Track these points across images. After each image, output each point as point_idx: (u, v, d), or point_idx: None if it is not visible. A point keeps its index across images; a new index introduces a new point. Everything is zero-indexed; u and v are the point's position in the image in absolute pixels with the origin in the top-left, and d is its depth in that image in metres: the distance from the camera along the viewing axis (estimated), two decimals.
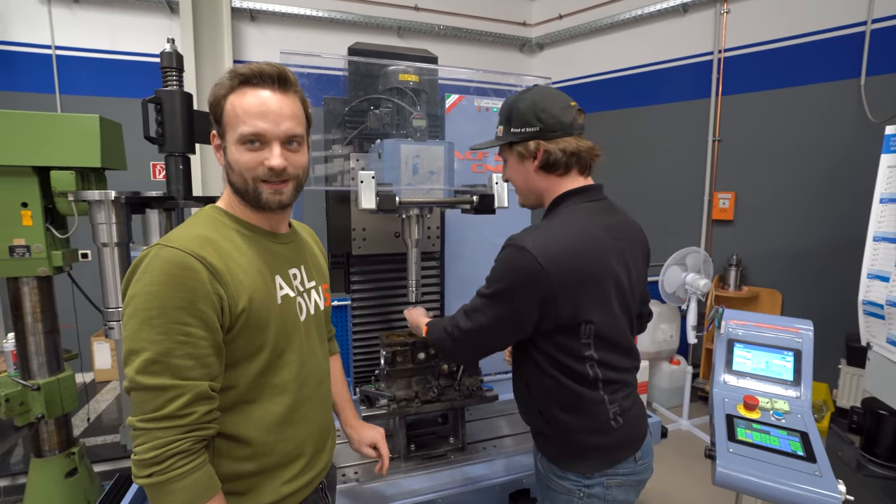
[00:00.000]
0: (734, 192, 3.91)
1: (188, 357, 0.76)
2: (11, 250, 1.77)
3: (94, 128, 1.74)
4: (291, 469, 0.94)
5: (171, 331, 0.75)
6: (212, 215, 0.90)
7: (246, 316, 0.84)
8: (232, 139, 0.86)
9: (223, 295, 0.80)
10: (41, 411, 1.89)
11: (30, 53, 3.86)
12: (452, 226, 2.11)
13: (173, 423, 0.76)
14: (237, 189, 0.89)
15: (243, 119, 0.84)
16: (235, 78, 0.85)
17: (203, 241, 0.82)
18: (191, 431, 0.77)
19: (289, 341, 0.93)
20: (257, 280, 0.87)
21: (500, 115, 1.18)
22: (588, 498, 1.11)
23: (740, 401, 1.44)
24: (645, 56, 4.44)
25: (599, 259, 1.05)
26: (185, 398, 0.76)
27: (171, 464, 0.75)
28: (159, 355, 0.75)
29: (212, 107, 0.88)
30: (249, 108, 0.84)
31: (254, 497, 0.90)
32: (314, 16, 4.40)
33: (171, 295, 0.75)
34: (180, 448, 0.76)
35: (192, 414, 0.77)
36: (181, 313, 0.76)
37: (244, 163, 0.86)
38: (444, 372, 1.58)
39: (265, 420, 0.89)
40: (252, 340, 0.86)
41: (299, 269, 1.01)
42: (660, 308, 3.63)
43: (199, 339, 0.77)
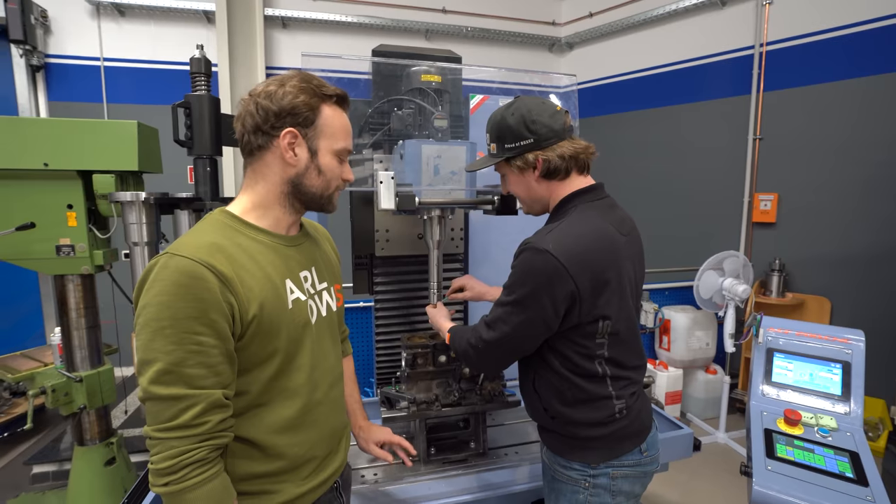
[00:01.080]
0: (777, 193, 3.71)
1: (200, 366, 0.77)
2: (58, 249, 1.87)
3: (132, 133, 1.83)
4: (304, 470, 0.95)
5: (183, 340, 0.76)
6: (221, 220, 0.91)
7: (257, 323, 0.84)
8: (328, 147, 0.93)
9: (233, 303, 0.81)
10: (83, 402, 1.99)
11: (81, 66, 4.10)
12: (478, 229, 2.09)
13: (188, 432, 0.76)
14: (311, 192, 0.93)
15: (342, 135, 0.95)
16: (332, 94, 0.93)
17: (212, 249, 0.82)
18: (206, 440, 0.78)
19: (300, 345, 0.93)
20: (267, 286, 0.87)
21: (489, 134, 1.19)
22: (594, 488, 1.12)
23: (780, 415, 1.35)
24: (680, 52, 4.29)
25: (614, 255, 1.07)
26: (199, 407, 0.77)
27: (185, 473, 0.76)
28: (172, 365, 0.75)
29: (301, 107, 0.88)
30: (345, 127, 0.96)
31: (267, 498, 0.90)
32: (343, 21, 4.48)
33: (181, 305, 0.76)
34: (196, 457, 0.77)
35: (207, 423, 0.78)
36: (192, 323, 0.76)
37: (337, 172, 0.96)
38: (465, 375, 1.56)
39: (277, 424, 0.89)
40: (264, 346, 0.87)
41: (310, 271, 1.01)
42: (694, 314, 3.49)
43: (210, 348, 0.78)
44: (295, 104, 0.88)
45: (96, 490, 2.05)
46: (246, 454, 0.88)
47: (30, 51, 3.84)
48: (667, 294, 3.80)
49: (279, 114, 0.88)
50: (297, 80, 0.90)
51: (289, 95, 0.88)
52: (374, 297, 1.84)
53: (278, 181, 0.93)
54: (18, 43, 3.72)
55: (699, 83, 4.17)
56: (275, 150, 0.90)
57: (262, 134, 0.89)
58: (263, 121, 0.88)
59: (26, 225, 1.78)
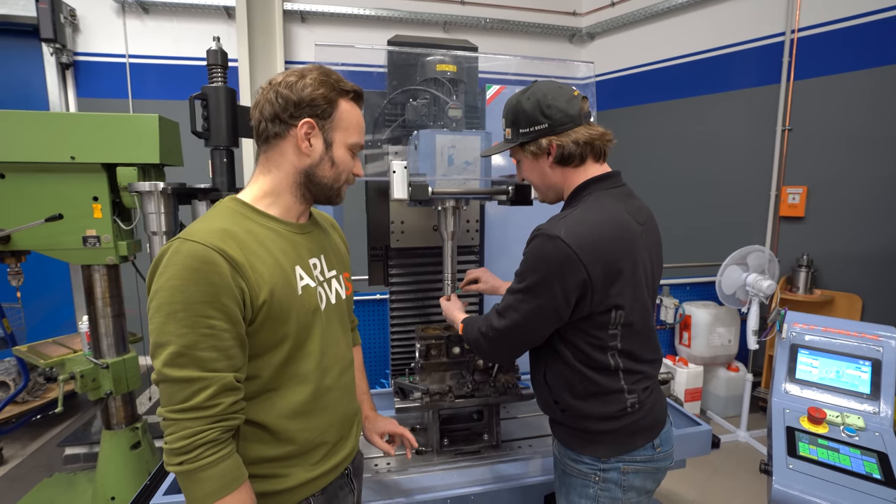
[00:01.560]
0: (806, 186, 3.57)
1: (212, 349, 0.78)
2: (85, 240, 1.93)
3: (154, 127, 1.87)
4: (315, 455, 0.96)
5: (196, 324, 0.77)
6: (231, 207, 0.92)
7: (267, 308, 0.85)
8: (343, 140, 0.96)
9: (244, 288, 0.82)
10: (110, 388, 2.06)
11: (107, 63, 4.21)
12: (495, 222, 2.08)
13: (200, 413, 0.78)
14: (322, 183, 0.96)
15: (356, 130, 0.97)
16: (349, 90, 0.96)
17: (223, 235, 0.83)
18: (218, 422, 0.79)
19: (310, 331, 0.94)
20: (277, 272, 0.88)
21: (504, 118, 1.17)
22: (604, 483, 1.10)
23: (804, 413, 1.30)
24: (705, 41, 4.15)
25: (629, 244, 1.04)
26: (211, 390, 0.78)
27: (199, 453, 0.78)
28: (185, 348, 0.77)
29: (320, 99, 0.90)
30: (361, 122, 0.99)
31: (278, 481, 0.92)
32: (361, 14, 4.48)
33: (193, 289, 0.77)
34: (208, 438, 0.78)
35: (219, 405, 0.79)
36: (204, 307, 0.78)
37: (349, 165, 0.99)
38: (479, 367, 1.56)
39: (287, 409, 0.91)
40: (274, 332, 0.88)
41: (319, 258, 1.02)
42: (716, 310, 3.40)
43: (222, 332, 0.79)
44: (314, 96, 0.90)
45: (123, 472, 2.13)
46: (257, 438, 0.90)
47: (59, 49, 3.96)
48: (688, 289, 3.72)
49: (298, 104, 0.90)
50: (318, 74, 0.92)
51: (309, 87, 0.90)
52: (389, 288, 1.84)
53: (292, 170, 0.94)
54: (49, 41, 3.84)
55: (725, 72, 4.04)
56: (291, 139, 0.92)
57: (279, 122, 0.91)
58: (282, 110, 0.90)
59: (55, 216, 1.84)
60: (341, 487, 1.05)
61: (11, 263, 1.98)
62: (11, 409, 3.01)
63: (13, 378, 3.09)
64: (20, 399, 3.09)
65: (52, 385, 3.30)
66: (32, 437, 3.15)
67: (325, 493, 0.99)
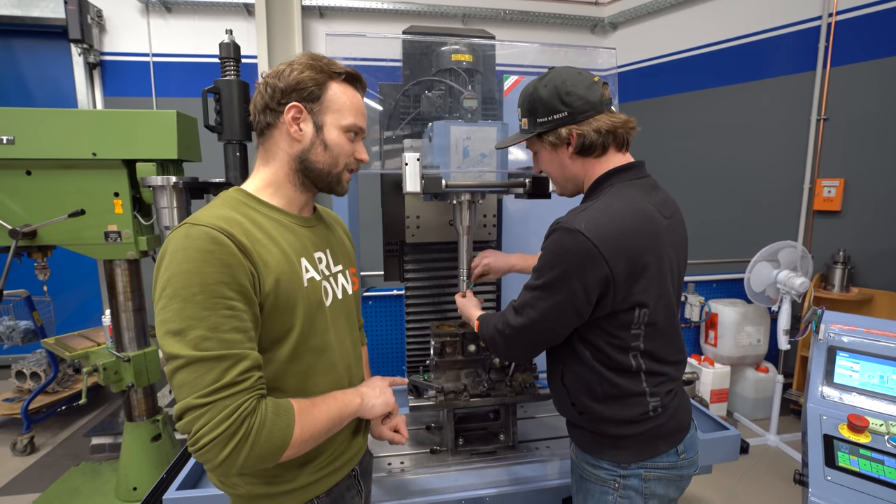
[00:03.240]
0: (843, 178, 3.39)
1: (236, 331, 0.75)
2: (106, 235, 1.97)
3: (172, 123, 1.88)
4: (320, 455, 0.94)
5: (217, 305, 0.73)
6: (235, 197, 0.90)
7: (274, 297, 0.83)
8: (335, 122, 0.92)
9: (254, 272, 0.80)
10: (131, 380, 2.10)
11: (132, 62, 4.30)
12: (515, 218, 2.03)
13: (237, 388, 0.73)
14: (317, 168, 0.92)
15: (350, 111, 0.93)
16: (341, 72, 0.92)
17: (230, 221, 0.82)
18: (252, 393, 0.75)
19: (313, 326, 0.91)
20: (283, 262, 0.86)
21: (520, 108, 1.12)
22: (624, 489, 1.04)
23: (843, 420, 1.22)
24: (735, 28, 3.98)
25: (654, 238, 0.98)
26: (244, 364, 0.75)
27: (249, 425, 0.73)
28: (209, 331, 0.72)
29: (307, 82, 0.88)
30: (358, 104, 0.95)
31: (282, 482, 0.90)
32: (379, 8, 4.46)
33: (208, 270, 0.74)
34: (248, 409, 0.74)
35: (251, 377, 0.76)
36: (222, 287, 0.74)
37: (346, 148, 0.94)
38: (495, 366, 1.51)
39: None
40: (282, 323, 0.85)
41: (325, 252, 0.99)
42: (745, 308, 3.27)
43: (242, 313, 0.76)
44: (300, 79, 0.89)
45: (144, 463, 2.18)
46: None
47: (87, 49, 4.05)
48: (714, 286, 3.58)
49: (285, 90, 0.89)
50: (305, 58, 0.91)
51: (295, 72, 0.89)
52: (405, 284, 1.82)
53: (286, 158, 0.92)
54: (77, 42, 3.94)
55: (756, 60, 3.86)
56: (281, 126, 0.91)
57: (269, 112, 0.90)
58: (271, 98, 0.89)
59: (77, 212, 1.88)
60: (348, 489, 1.02)
61: (38, 258, 2.03)
62: (42, 399, 3.12)
63: (44, 369, 3.19)
64: (50, 389, 3.20)
65: (80, 377, 3.40)
66: (62, 427, 3.26)
67: (331, 494, 0.97)
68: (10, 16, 3.92)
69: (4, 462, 2.84)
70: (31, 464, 2.82)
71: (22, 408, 2.92)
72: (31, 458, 2.87)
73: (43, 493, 2.28)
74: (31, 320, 2.99)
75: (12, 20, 3.95)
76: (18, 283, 2.73)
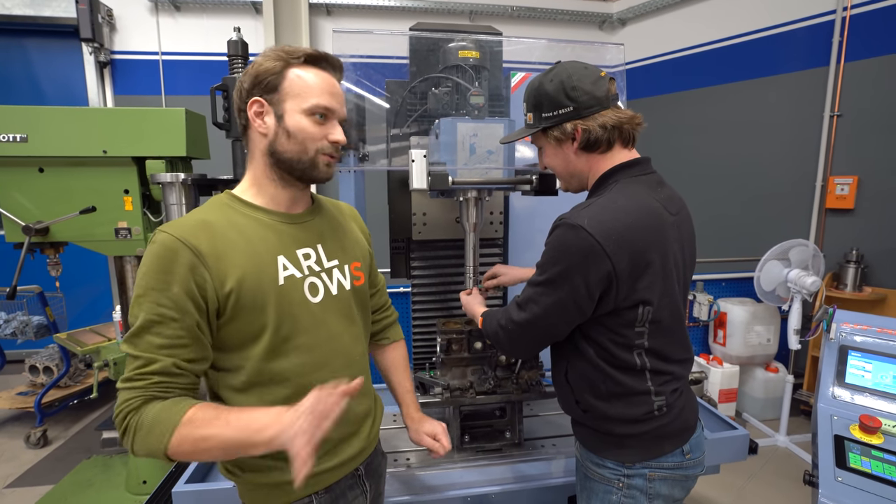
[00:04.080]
0: (856, 176, 3.33)
1: (159, 335, 0.80)
2: (116, 232, 1.99)
3: (181, 120, 1.90)
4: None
5: (150, 310, 0.80)
6: (221, 200, 0.94)
7: (236, 297, 0.84)
8: (296, 108, 0.89)
9: (207, 277, 0.83)
10: None
11: (142, 60, 4.34)
12: (521, 215, 2.02)
13: (131, 384, 0.79)
14: (286, 158, 0.90)
15: (315, 92, 0.89)
16: (300, 55, 0.89)
17: (197, 226, 0.85)
18: (142, 393, 0.79)
19: (295, 324, 0.91)
20: (252, 261, 0.87)
21: (526, 102, 1.10)
22: (628, 489, 1.04)
23: (855, 420, 1.20)
24: (745, 24, 3.92)
25: (659, 234, 0.97)
26: (149, 368, 0.79)
27: (126, 419, 0.78)
28: (139, 329, 0.80)
29: (264, 74, 0.88)
30: (321, 84, 0.90)
31: (276, 474, 0.91)
32: (386, 6, 4.46)
33: (152, 277, 0.81)
34: (132, 406, 0.78)
35: (147, 380, 0.79)
36: (157, 294, 0.80)
37: (311, 132, 0.90)
38: (501, 363, 1.51)
39: (276, 402, 0.87)
40: (250, 322, 0.87)
41: (315, 248, 0.98)
42: (754, 307, 3.23)
43: (169, 321, 0.80)
44: (258, 72, 0.88)
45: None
46: None
47: (98, 48, 4.10)
48: (723, 285, 3.55)
49: (249, 88, 0.89)
50: (268, 51, 0.90)
51: (255, 67, 0.89)
52: (411, 281, 1.82)
53: (260, 155, 0.93)
54: (88, 41, 3.98)
55: (768, 56, 3.80)
56: (251, 124, 0.91)
57: (241, 112, 0.92)
58: (240, 99, 0.91)
59: (88, 209, 1.90)
60: (350, 488, 1.01)
61: (51, 254, 2.06)
62: (54, 393, 3.17)
63: (56, 364, 3.24)
64: (62, 384, 3.25)
65: (91, 371, 3.45)
66: (74, 420, 3.31)
67: (331, 491, 0.97)
68: (22, 15, 3.97)
69: (18, 454, 2.89)
70: (45, 456, 2.87)
71: (35, 401, 2.97)
72: (44, 451, 2.92)
73: (56, 485, 2.32)
74: (44, 316, 3.04)
75: (25, 20, 4.00)
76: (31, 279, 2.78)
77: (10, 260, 1.96)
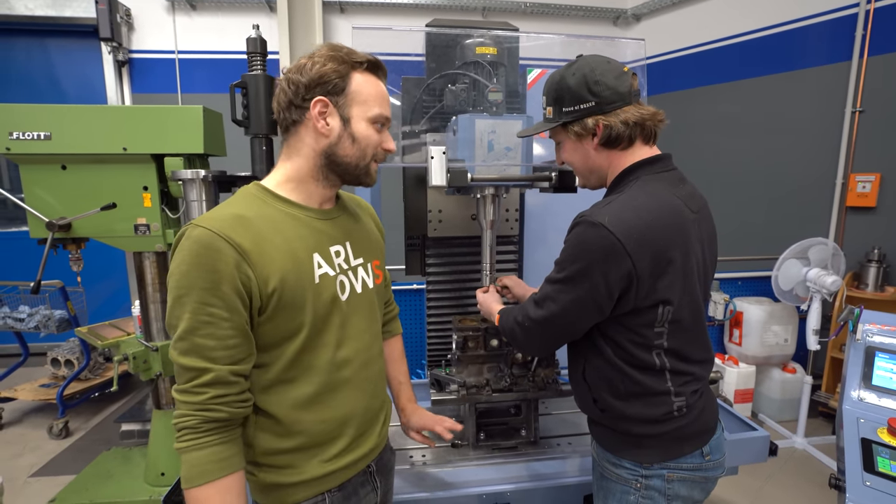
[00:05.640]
0: (879, 173, 3.25)
1: (210, 337, 0.79)
2: (136, 228, 2.02)
3: (199, 117, 1.92)
4: (331, 449, 0.93)
5: (196, 310, 0.78)
6: (252, 193, 0.91)
7: (278, 296, 0.84)
8: (362, 115, 0.90)
9: (251, 275, 0.81)
10: (159, 369, 2.16)
11: (159, 59, 4.39)
12: (535, 212, 2.01)
13: (187, 398, 0.79)
14: (345, 162, 0.91)
15: (376, 101, 0.91)
16: (363, 61, 0.90)
17: (235, 221, 0.83)
18: (199, 411, 0.79)
19: (327, 321, 0.91)
20: (290, 259, 0.86)
21: (546, 96, 1.07)
22: (646, 490, 1.02)
23: (883, 424, 1.17)
24: (763, 18, 3.84)
25: (680, 233, 0.95)
26: (203, 378, 0.79)
27: (181, 436, 0.80)
28: (185, 332, 0.79)
29: (329, 74, 0.87)
30: (381, 93, 0.93)
31: (293, 473, 0.90)
32: (399, 3, 4.46)
33: (195, 275, 0.78)
34: (188, 423, 0.79)
35: (203, 394, 0.79)
36: (205, 294, 0.78)
37: (374, 139, 0.92)
38: (517, 361, 1.51)
39: (298, 400, 0.89)
40: (289, 320, 0.86)
41: (343, 245, 0.98)
42: (771, 307, 3.18)
43: (220, 321, 0.79)
44: (323, 73, 0.86)
45: (172, 450, 2.23)
46: (270, 429, 0.89)
47: (116, 47, 4.16)
48: (740, 284, 3.50)
49: (309, 85, 0.87)
50: (326, 50, 0.89)
51: (317, 65, 0.87)
52: (426, 278, 1.82)
53: (311, 154, 0.91)
54: (107, 41, 4.05)
55: (787, 51, 3.73)
56: (307, 122, 0.89)
57: (294, 108, 0.89)
58: (294, 94, 0.88)
59: (109, 205, 1.93)
60: (362, 485, 1.02)
61: (72, 250, 2.09)
62: (75, 385, 3.24)
63: (77, 357, 3.31)
64: (83, 377, 3.32)
65: (110, 364, 3.52)
66: (94, 412, 3.38)
67: (343, 489, 0.97)
68: (44, 16, 4.05)
69: (41, 445, 2.96)
70: (66, 447, 2.94)
71: (57, 393, 3.04)
72: (65, 442, 2.99)
73: (78, 476, 2.37)
74: (66, 310, 3.10)
75: (47, 20, 4.07)
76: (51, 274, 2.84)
77: (33, 255, 2.00)
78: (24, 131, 1.86)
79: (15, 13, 4.01)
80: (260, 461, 0.90)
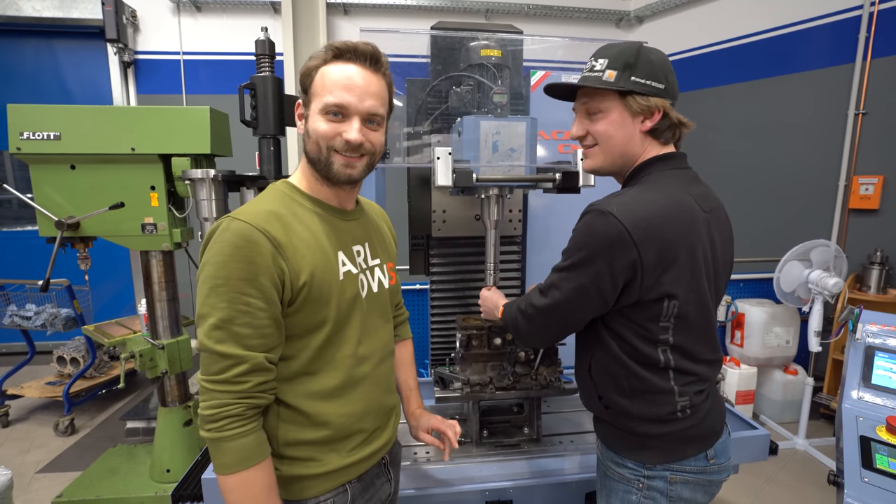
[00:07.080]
0: (882, 175, 3.26)
1: (248, 326, 0.81)
2: (143, 227, 2.05)
3: (205, 118, 1.94)
4: (351, 441, 0.96)
5: (234, 300, 0.80)
6: (282, 190, 0.94)
7: (308, 290, 0.86)
8: (316, 108, 0.89)
9: (285, 268, 0.84)
10: (165, 367, 2.18)
11: (164, 60, 4.43)
12: (538, 214, 2.03)
13: (230, 388, 0.81)
14: (311, 158, 0.92)
15: (329, 89, 0.87)
16: (330, 51, 0.89)
17: (270, 216, 0.85)
18: (244, 398, 0.82)
19: (348, 317, 0.94)
20: (319, 255, 0.89)
21: (612, 59, 0.98)
22: (648, 490, 1.02)
23: (882, 422, 1.19)
24: (766, 21, 3.85)
25: (689, 228, 0.95)
26: (243, 367, 0.81)
27: (223, 424, 0.81)
28: (222, 321, 0.80)
29: (303, 76, 0.91)
30: (338, 79, 0.87)
31: (314, 465, 0.92)
32: (403, 5, 4.48)
33: (235, 266, 0.80)
34: (233, 412, 0.81)
35: (247, 383, 0.82)
36: (244, 284, 0.80)
37: (322, 131, 0.88)
38: (520, 359, 1.52)
39: (320, 393, 0.91)
40: (315, 314, 0.89)
41: (363, 245, 1.01)
42: (773, 309, 3.19)
43: (257, 311, 0.81)
44: (302, 73, 0.91)
45: (177, 447, 2.26)
46: (294, 420, 0.91)
47: (122, 48, 4.20)
48: (742, 286, 3.51)
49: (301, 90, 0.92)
50: (317, 51, 0.91)
51: (303, 67, 0.91)
52: (430, 277, 1.84)
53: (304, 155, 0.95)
54: (113, 42, 4.08)
55: (790, 53, 3.74)
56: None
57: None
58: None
59: (117, 205, 1.95)
60: (378, 476, 1.05)
61: (80, 248, 2.12)
62: (81, 383, 3.26)
63: (83, 355, 3.34)
64: (88, 374, 3.35)
65: (116, 362, 3.55)
66: (99, 410, 3.41)
67: (362, 480, 1.00)
68: (52, 17, 4.09)
69: (48, 441, 2.99)
70: (72, 444, 2.97)
71: (63, 391, 3.07)
72: (71, 439, 3.02)
73: (84, 472, 2.40)
74: (72, 308, 3.13)
75: (54, 21, 4.12)
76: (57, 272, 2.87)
77: (38, 255, 2.03)
78: (34, 131, 1.89)
79: (23, 14, 4.06)
80: (283, 453, 0.91)
